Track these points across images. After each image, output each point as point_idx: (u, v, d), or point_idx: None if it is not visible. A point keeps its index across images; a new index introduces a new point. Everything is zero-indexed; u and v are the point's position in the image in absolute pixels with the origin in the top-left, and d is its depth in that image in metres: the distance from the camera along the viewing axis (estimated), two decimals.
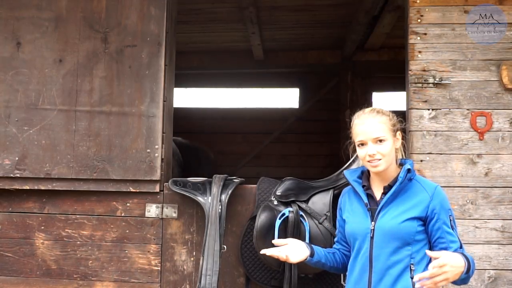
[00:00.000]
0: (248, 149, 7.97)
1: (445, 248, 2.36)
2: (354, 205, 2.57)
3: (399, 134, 2.53)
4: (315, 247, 2.61)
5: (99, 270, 3.42)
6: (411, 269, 2.36)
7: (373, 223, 2.43)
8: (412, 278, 2.34)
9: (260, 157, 8.00)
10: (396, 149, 2.52)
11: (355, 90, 7.60)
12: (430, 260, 2.37)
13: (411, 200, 2.42)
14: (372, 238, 2.42)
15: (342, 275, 2.97)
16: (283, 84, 8.24)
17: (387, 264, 2.37)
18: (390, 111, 2.58)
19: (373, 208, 2.47)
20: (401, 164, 2.54)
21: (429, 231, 2.41)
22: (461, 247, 2.39)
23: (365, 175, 2.59)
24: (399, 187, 2.43)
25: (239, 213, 3.38)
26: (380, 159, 2.44)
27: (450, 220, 2.41)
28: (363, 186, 2.55)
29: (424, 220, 2.40)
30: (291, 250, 2.54)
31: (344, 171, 2.71)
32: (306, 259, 2.54)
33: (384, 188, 2.49)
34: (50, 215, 3.47)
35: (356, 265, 2.47)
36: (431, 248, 2.42)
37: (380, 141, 2.44)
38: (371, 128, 2.45)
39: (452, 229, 2.40)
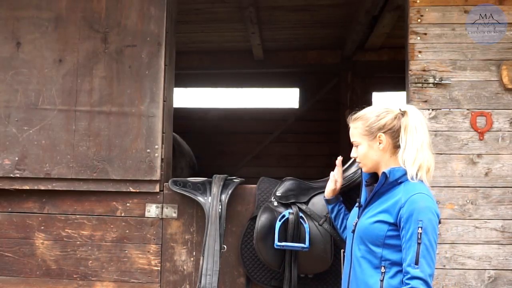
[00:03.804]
0: (248, 149, 7.96)
1: (403, 259, 2.31)
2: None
3: (379, 136, 2.46)
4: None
5: (99, 270, 3.42)
6: (381, 271, 2.36)
7: (356, 219, 2.53)
8: (381, 280, 2.34)
9: (260, 157, 7.99)
10: (385, 148, 2.47)
11: (355, 90, 7.60)
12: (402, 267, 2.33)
13: (387, 203, 2.41)
14: (353, 233, 2.51)
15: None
16: (283, 84, 8.23)
17: (360, 261, 2.44)
18: (374, 111, 2.51)
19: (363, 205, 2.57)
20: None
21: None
22: (416, 263, 2.24)
23: None
24: (377, 189, 2.44)
25: (239, 213, 3.37)
26: (360, 162, 2.58)
27: (419, 232, 2.26)
28: (365, 182, 2.61)
29: (397, 225, 2.36)
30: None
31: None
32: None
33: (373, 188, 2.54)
34: (50, 215, 3.47)
35: (346, 258, 2.59)
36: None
37: (357, 145, 2.57)
38: (350, 133, 2.61)
39: (418, 243, 2.26)
